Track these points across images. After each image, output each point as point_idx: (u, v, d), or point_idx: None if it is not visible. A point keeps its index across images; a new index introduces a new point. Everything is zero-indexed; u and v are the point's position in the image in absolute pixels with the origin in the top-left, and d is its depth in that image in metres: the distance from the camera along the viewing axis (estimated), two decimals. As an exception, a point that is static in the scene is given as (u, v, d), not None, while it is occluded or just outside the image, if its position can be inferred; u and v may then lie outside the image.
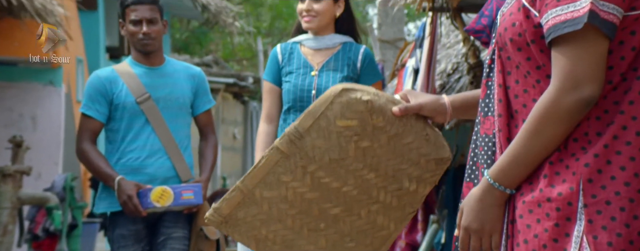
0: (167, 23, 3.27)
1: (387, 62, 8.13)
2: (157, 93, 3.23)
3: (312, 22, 3.06)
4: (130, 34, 3.20)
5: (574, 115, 1.41)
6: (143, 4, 3.17)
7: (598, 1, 1.38)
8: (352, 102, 1.65)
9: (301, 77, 3.09)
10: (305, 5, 3.06)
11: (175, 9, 11.93)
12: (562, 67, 1.41)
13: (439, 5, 4.21)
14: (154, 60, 3.25)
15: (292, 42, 3.17)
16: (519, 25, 1.46)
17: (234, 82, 13.02)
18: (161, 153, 3.20)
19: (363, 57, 3.09)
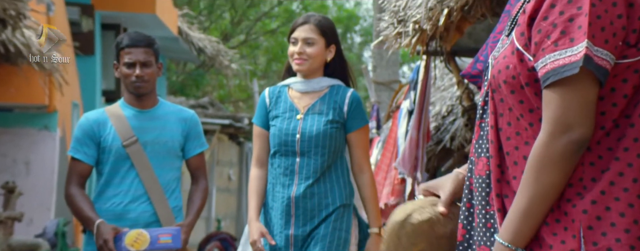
0: (162, 66, 3.28)
1: (382, 104, 8.16)
2: (145, 136, 3.21)
3: (303, 65, 3.07)
4: (123, 76, 3.20)
5: (567, 158, 1.41)
6: (138, 47, 3.18)
7: (592, 46, 1.40)
8: (416, 227, 1.68)
9: (286, 121, 3.09)
10: (298, 48, 3.07)
11: (172, 52, 12.02)
12: (553, 111, 1.42)
13: (432, 49, 4.25)
14: (145, 103, 3.25)
15: (281, 85, 3.18)
16: (513, 68, 1.48)
17: (229, 123, 13.04)
18: (144, 198, 3.18)
19: (350, 100, 3.08)
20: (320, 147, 3.03)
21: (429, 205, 1.70)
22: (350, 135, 3.08)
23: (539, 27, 1.43)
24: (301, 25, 3.08)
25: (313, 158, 3.04)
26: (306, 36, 3.05)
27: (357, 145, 3.09)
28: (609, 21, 1.40)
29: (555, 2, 1.42)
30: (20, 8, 4.71)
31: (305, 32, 3.06)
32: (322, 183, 3.04)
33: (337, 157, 3.08)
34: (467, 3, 3.38)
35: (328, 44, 3.09)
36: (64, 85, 6.51)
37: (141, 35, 3.22)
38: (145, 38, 3.21)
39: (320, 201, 3.03)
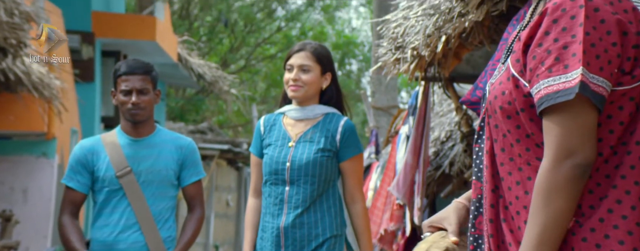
0: (160, 93, 3.26)
1: (381, 129, 8.18)
2: (139, 165, 3.19)
3: (298, 92, 3.05)
4: (120, 103, 3.19)
5: (573, 183, 1.41)
6: (134, 74, 3.16)
7: (588, 73, 1.41)
8: None
9: (278, 149, 3.04)
10: (293, 75, 3.05)
11: (171, 78, 12.06)
12: (554, 137, 1.42)
13: (431, 75, 4.27)
14: (141, 130, 3.22)
15: (277, 113, 3.17)
16: (509, 94, 1.49)
17: (228, 149, 13.04)
18: (135, 228, 3.15)
19: (343, 129, 3.04)
20: (310, 176, 2.99)
21: (440, 239, 1.70)
22: (342, 164, 3.04)
23: (534, 53, 1.45)
24: (297, 52, 3.07)
25: (302, 187, 2.99)
26: (302, 63, 3.04)
27: (349, 174, 3.04)
28: (604, 49, 1.41)
29: (549, 30, 1.44)
30: (21, 37, 4.73)
31: (301, 59, 3.05)
32: (312, 213, 2.99)
33: (329, 186, 3.03)
34: (465, 30, 3.41)
35: (324, 72, 3.08)
36: (63, 112, 6.52)
37: (139, 63, 3.21)
38: (143, 65, 3.20)
39: (309, 231, 2.98)
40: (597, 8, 1.42)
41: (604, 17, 1.42)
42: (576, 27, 1.41)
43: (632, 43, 1.44)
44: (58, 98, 6.05)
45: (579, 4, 1.42)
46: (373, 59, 8.90)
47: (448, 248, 1.68)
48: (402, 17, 4.13)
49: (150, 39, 9.11)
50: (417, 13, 3.76)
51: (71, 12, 8.00)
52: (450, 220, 1.70)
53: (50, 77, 5.85)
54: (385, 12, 7.53)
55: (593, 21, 1.41)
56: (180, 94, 17.40)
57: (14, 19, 4.63)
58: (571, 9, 1.42)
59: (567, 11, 1.42)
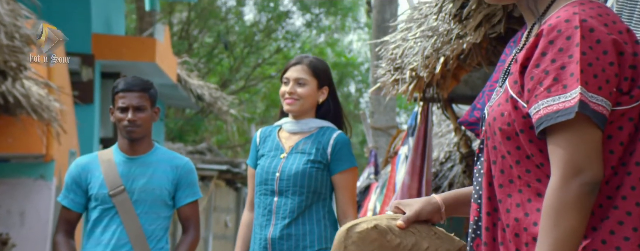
0: (159, 110, 3.24)
1: (380, 149, 8.18)
2: (133, 184, 3.16)
3: (293, 105, 3.02)
4: (117, 120, 3.17)
5: (582, 201, 1.41)
6: (131, 91, 3.15)
7: (586, 92, 1.41)
8: (362, 235, 1.69)
9: (269, 160, 3.01)
10: (289, 88, 3.02)
11: (171, 99, 12.08)
12: (560, 156, 1.42)
13: (429, 96, 4.28)
14: (138, 148, 3.20)
15: (274, 125, 3.14)
16: (508, 115, 1.49)
17: (227, 169, 13.03)
18: (127, 247, 3.13)
19: (334, 142, 2.99)
20: (299, 187, 2.95)
21: (385, 218, 1.72)
22: (334, 177, 2.99)
23: (532, 74, 1.46)
24: (294, 65, 3.05)
25: (291, 198, 2.95)
26: (298, 76, 3.02)
27: (341, 188, 2.99)
28: (601, 68, 1.42)
29: (546, 50, 1.44)
30: (21, 60, 4.75)
31: (297, 72, 3.03)
32: (301, 225, 2.95)
33: (319, 199, 2.98)
34: (463, 52, 3.43)
35: (320, 86, 3.05)
36: (62, 134, 6.51)
37: (137, 80, 3.20)
38: (141, 82, 3.19)
39: (297, 243, 2.94)
40: (593, 28, 1.43)
41: (599, 38, 1.43)
42: (573, 47, 1.42)
43: (628, 63, 1.45)
44: (57, 120, 6.05)
45: (574, 25, 1.43)
46: (372, 80, 8.93)
47: (380, 225, 1.69)
48: (400, 39, 4.16)
49: (150, 60, 9.14)
50: (416, 35, 3.79)
51: (72, 34, 8.02)
52: (412, 208, 1.72)
53: (50, 99, 5.85)
54: (384, 34, 7.58)
55: (589, 41, 1.42)
56: (179, 115, 17.42)
57: (15, 42, 4.65)
58: (566, 30, 1.43)
59: (562, 32, 1.43)
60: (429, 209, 1.71)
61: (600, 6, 1.48)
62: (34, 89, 5.66)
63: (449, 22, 3.26)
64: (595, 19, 1.44)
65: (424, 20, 3.72)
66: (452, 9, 3.12)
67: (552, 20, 1.46)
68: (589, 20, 1.44)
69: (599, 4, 1.49)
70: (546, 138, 1.45)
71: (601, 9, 1.48)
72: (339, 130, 3.07)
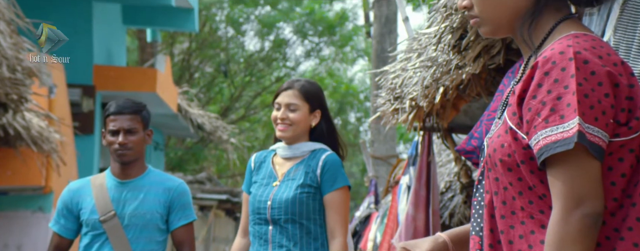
0: (151, 133, 3.18)
1: (381, 179, 8.16)
2: (124, 208, 3.11)
3: (286, 132, 2.96)
4: (108, 144, 3.12)
5: (585, 232, 1.40)
6: (123, 114, 3.10)
7: (583, 123, 1.42)
8: None
9: (262, 188, 2.96)
10: (281, 113, 2.95)
11: (171, 129, 12.10)
12: (560, 187, 1.42)
13: (429, 125, 4.29)
14: (129, 172, 3.14)
15: (269, 150, 3.08)
16: (508, 146, 1.50)
17: (226, 199, 12.99)
18: None
19: (323, 163, 2.92)
20: (291, 214, 2.88)
21: None
22: (324, 197, 2.92)
23: (529, 105, 1.47)
24: (285, 90, 3.00)
25: (285, 226, 2.88)
26: (289, 102, 2.97)
27: (330, 208, 2.90)
28: (597, 99, 1.43)
29: (542, 82, 1.45)
30: (22, 92, 4.75)
31: (289, 98, 2.98)
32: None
33: (316, 225, 2.92)
34: (462, 82, 3.44)
35: (312, 109, 2.99)
36: (62, 165, 6.49)
37: (128, 102, 3.15)
38: (132, 105, 3.13)
39: None
40: (587, 60, 1.44)
41: (594, 69, 1.44)
42: (568, 79, 1.43)
43: (625, 94, 1.46)
44: (57, 151, 6.03)
45: (568, 57, 1.45)
46: (372, 109, 8.95)
47: None
48: (400, 69, 4.18)
49: (151, 90, 9.18)
50: (415, 65, 3.80)
51: (73, 65, 8.09)
52: (421, 248, 1.71)
53: (50, 131, 5.84)
54: (384, 64, 7.62)
55: (583, 73, 1.43)
56: (179, 144, 17.43)
57: (17, 74, 4.66)
58: (561, 62, 1.44)
59: (557, 64, 1.45)
60: (438, 249, 1.71)
61: (595, 39, 1.50)
62: (34, 121, 5.66)
63: (448, 52, 3.27)
64: (589, 51, 1.46)
65: (423, 50, 3.74)
66: (451, 40, 3.14)
67: (546, 53, 1.48)
68: (583, 52, 1.45)
69: (593, 37, 1.50)
70: (546, 169, 1.45)
71: (595, 41, 1.49)
72: (330, 150, 3.00)
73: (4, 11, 4.55)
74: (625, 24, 2.21)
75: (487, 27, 1.59)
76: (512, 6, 1.55)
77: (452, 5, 2.99)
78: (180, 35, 17.05)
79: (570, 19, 1.55)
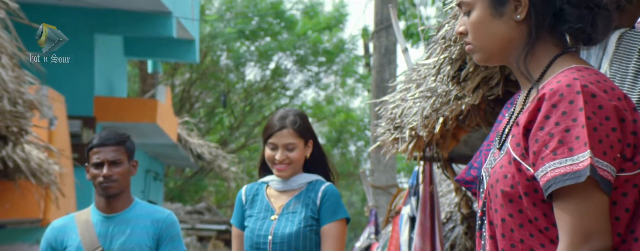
0: (136, 164, 3.10)
1: (381, 208, 8.13)
2: (111, 244, 3.02)
3: (286, 171, 2.91)
4: (92, 177, 3.03)
5: None
6: (106, 146, 3.02)
7: (593, 157, 1.41)
8: None
9: (260, 222, 2.89)
10: (279, 155, 2.88)
11: (170, 159, 12.10)
12: (569, 222, 1.41)
13: (429, 155, 4.29)
14: (115, 205, 3.05)
15: (260, 182, 3.02)
16: (511, 178, 1.49)
17: (225, 229, 12.94)
18: None
19: (322, 194, 2.89)
20: (294, 248, 2.84)
21: None
22: (322, 228, 2.87)
23: (536, 137, 1.46)
24: (279, 130, 2.92)
25: None
26: (286, 142, 2.90)
27: (327, 239, 2.85)
28: (605, 134, 1.43)
29: (549, 114, 1.45)
30: (23, 125, 4.75)
31: (285, 138, 2.91)
32: None
33: None
34: (462, 113, 3.45)
35: (306, 142, 2.94)
36: (60, 197, 6.45)
37: (112, 134, 3.08)
38: (116, 136, 3.07)
39: None
40: (594, 94, 1.44)
41: (601, 103, 1.44)
42: (576, 111, 1.43)
43: (630, 129, 1.46)
44: (56, 183, 6.00)
45: (575, 90, 1.44)
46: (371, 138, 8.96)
47: None
48: (399, 99, 4.19)
49: (151, 121, 9.20)
50: (415, 95, 3.82)
51: (74, 97, 8.12)
52: None
53: (49, 163, 5.82)
54: (383, 93, 7.64)
55: (592, 106, 1.43)
56: (179, 174, 17.40)
57: (17, 107, 4.66)
58: (569, 94, 1.44)
59: (565, 96, 1.44)
60: None
61: (597, 72, 1.50)
62: (34, 153, 5.64)
63: (447, 83, 3.29)
64: (595, 84, 1.46)
65: (423, 81, 3.76)
66: (450, 71, 3.16)
67: (552, 85, 1.47)
68: (590, 85, 1.45)
69: (595, 71, 1.51)
70: (552, 202, 1.44)
71: (598, 75, 1.49)
72: (327, 182, 2.97)
73: (6, 45, 4.58)
74: (621, 58, 2.24)
75: (479, 54, 1.60)
76: (503, 36, 1.55)
77: (450, 37, 3.01)
78: (181, 66, 17.14)
79: (568, 53, 1.56)
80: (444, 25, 3.07)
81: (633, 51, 2.21)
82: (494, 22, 1.55)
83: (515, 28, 1.54)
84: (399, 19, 5.36)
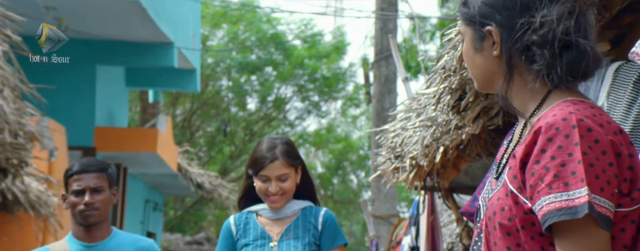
0: (117, 192, 3.01)
1: (381, 238, 8.09)
2: None
3: (280, 202, 2.87)
4: (71, 205, 2.91)
5: None
6: (88, 173, 2.91)
7: (591, 194, 1.40)
8: None
9: (258, 249, 2.85)
10: (273, 187, 2.84)
11: (170, 189, 12.07)
12: None
13: (430, 185, 4.28)
14: (96, 234, 2.94)
15: (247, 211, 2.96)
16: (508, 210, 1.48)
17: (226, 259, 12.84)
18: None
19: (323, 219, 2.87)
20: None
21: None
22: None
23: (532, 170, 1.45)
24: (271, 162, 2.86)
25: None
26: (279, 173, 2.86)
27: None
28: (601, 169, 1.42)
29: (545, 148, 1.45)
30: (23, 156, 4.72)
31: (278, 170, 2.86)
32: None
33: None
34: (462, 142, 3.45)
35: (296, 169, 2.91)
36: (59, 229, 6.40)
37: (93, 161, 2.99)
38: (98, 163, 2.98)
39: None
40: (590, 128, 1.44)
41: (597, 137, 1.43)
42: (572, 146, 1.42)
43: (626, 164, 1.45)
44: (54, 215, 5.97)
45: (571, 124, 1.44)
46: (372, 167, 8.95)
47: None
48: (400, 128, 4.20)
49: (151, 150, 9.20)
50: (415, 124, 3.83)
51: (75, 128, 8.14)
52: None
53: (48, 195, 5.79)
54: (384, 122, 7.66)
55: (588, 141, 1.43)
56: (178, 204, 17.34)
57: (18, 139, 4.64)
58: (564, 129, 1.44)
59: (560, 130, 1.44)
60: None
61: (593, 106, 1.50)
62: (33, 185, 5.61)
63: (447, 113, 3.30)
64: (591, 119, 1.46)
65: (423, 110, 3.77)
66: (450, 101, 3.17)
67: (548, 119, 1.47)
68: (586, 120, 1.45)
69: (591, 104, 1.50)
70: (552, 236, 1.44)
71: (594, 109, 1.49)
72: (323, 207, 2.95)
73: (8, 77, 4.59)
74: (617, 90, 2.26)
75: (475, 82, 1.62)
76: (487, 69, 1.56)
77: (450, 67, 3.03)
78: (182, 96, 17.19)
79: (565, 85, 1.55)
80: (443, 56, 3.09)
81: (628, 83, 2.23)
82: (477, 55, 1.56)
83: (496, 62, 1.55)
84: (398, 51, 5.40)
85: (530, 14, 1.49)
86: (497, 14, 1.52)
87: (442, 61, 3.07)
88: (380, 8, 9.20)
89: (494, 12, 1.52)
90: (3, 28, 4.68)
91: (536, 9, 1.49)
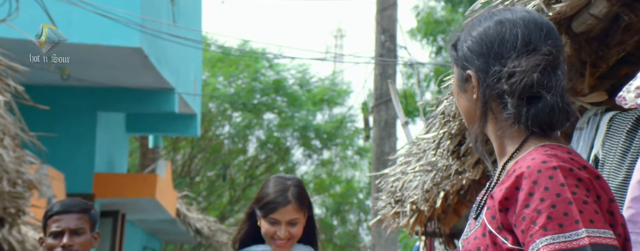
0: (98, 235, 2.83)
1: (384, 284, 7.99)
2: None
3: (286, 247, 2.80)
4: (48, 248, 2.72)
5: None
6: (69, 213, 2.73)
7: (594, 231, 1.41)
8: None
9: None
10: (283, 232, 2.77)
11: (169, 235, 11.98)
12: None
13: (431, 230, 4.26)
14: None
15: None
16: (485, 250, 1.48)
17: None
18: None
19: None
20: None
21: None
22: None
23: (522, 215, 1.45)
24: (284, 206, 2.77)
25: None
26: (290, 218, 2.77)
27: None
28: (590, 205, 1.43)
29: (532, 191, 1.45)
30: (21, 205, 4.67)
31: (289, 214, 2.77)
32: None
33: None
34: (463, 187, 3.45)
35: (305, 213, 2.83)
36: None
37: (75, 201, 2.83)
38: (79, 203, 2.81)
39: None
40: (571, 168, 1.46)
41: (579, 176, 1.45)
42: (558, 187, 1.44)
43: (605, 208, 1.47)
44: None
45: (552, 166, 1.45)
46: (372, 211, 8.90)
47: None
48: (400, 172, 4.19)
49: (150, 196, 9.16)
50: (415, 169, 3.82)
51: (74, 175, 8.11)
52: None
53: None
54: (384, 167, 7.65)
55: (572, 180, 1.44)
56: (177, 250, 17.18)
57: (17, 188, 4.61)
58: (546, 170, 1.45)
59: (542, 172, 1.45)
60: None
61: (570, 151, 1.52)
62: (30, 234, 5.54)
63: (447, 158, 3.30)
64: (569, 162, 1.48)
65: (423, 155, 3.77)
66: (449, 146, 3.17)
67: (528, 162, 1.48)
68: (565, 162, 1.47)
69: (568, 149, 1.52)
70: None
71: (571, 154, 1.51)
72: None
73: (9, 127, 4.58)
74: (611, 138, 2.29)
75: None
76: (469, 110, 1.59)
77: (449, 113, 3.04)
78: (182, 141, 17.20)
79: (543, 131, 1.56)
80: (442, 101, 3.10)
81: (622, 132, 2.25)
82: (461, 95, 1.60)
83: (476, 104, 1.58)
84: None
85: (503, 63, 1.53)
86: (476, 59, 1.56)
87: (441, 106, 3.08)
88: (379, 54, 9.29)
89: (474, 58, 1.57)
90: (5, 78, 4.70)
91: (509, 58, 1.53)
